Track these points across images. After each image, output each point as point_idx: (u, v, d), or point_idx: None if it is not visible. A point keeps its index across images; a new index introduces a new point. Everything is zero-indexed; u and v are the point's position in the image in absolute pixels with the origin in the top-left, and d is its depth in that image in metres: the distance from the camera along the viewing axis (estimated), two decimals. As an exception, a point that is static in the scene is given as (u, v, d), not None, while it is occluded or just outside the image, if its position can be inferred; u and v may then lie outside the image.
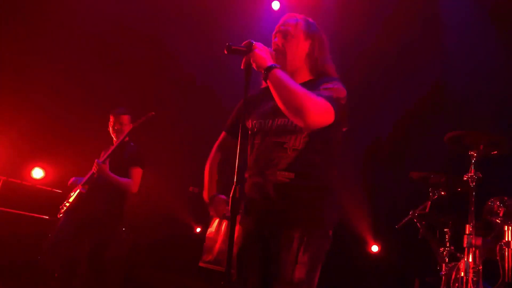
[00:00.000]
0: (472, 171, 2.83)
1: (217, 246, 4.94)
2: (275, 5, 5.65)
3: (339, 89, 1.75)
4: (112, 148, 3.60)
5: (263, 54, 1.66)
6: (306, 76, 1.89)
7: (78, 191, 3.57)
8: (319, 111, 1.62)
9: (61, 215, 3.61)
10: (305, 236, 1.66)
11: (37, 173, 5.29)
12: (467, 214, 2.79)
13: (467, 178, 2.83)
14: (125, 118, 3.72)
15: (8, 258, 4.36)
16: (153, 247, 5.67)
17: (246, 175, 1.85)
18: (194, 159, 5.95)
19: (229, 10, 5.26)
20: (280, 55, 1.82)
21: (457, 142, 2.94)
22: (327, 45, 1.93)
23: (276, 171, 1.73)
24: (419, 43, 4.69)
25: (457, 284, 2.88)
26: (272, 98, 1.76)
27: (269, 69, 1.63)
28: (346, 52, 4.77)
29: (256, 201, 1.79)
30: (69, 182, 3.77)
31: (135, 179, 3.53)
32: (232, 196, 1.44)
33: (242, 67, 1.69)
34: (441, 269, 3.23)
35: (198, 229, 6.18)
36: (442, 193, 3.35)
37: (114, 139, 3.74)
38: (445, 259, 3.23)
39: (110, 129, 3.75)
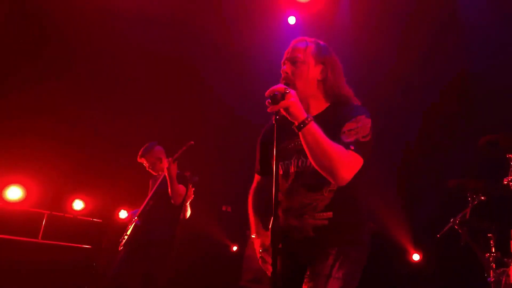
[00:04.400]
0: (512, 174, 2.79)
1: (256, 264, 4.97)
2: (291, 20, 5.76)
3: (364, 126, 1.67)
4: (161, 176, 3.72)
5: (299, 105, 1.54)
6: (322, 103, 1.82)
7: (134, 223, 3.71)
8: (349, 170, 1.59)
9: (121, 247, 3.74)
10: (341, 255, 1.68)
11: (78, 204, 5.54)
12: (510, 218, 2.74)
13: (507, 182, 2.79)
14: (157, 151, 3.83)
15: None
16: (192, 268, 5.73)
17: (280, 213, 1.79)
18: (227, 179, 6.06)
19: (246, 26, 5.37)
20: (290, 83, 1.72)
21: (493, 146, 2.90)
22: (341, 68, 1.84)
23: (314, 214, 1.73)
24: (448, 48, 4.64)
25: (507, 290, 2.81)
26: (293, 138, 1.75)
27: (304, 123, 1.53)
28: (371, 61, 4.79)
29: (295, 239, 1.77)
30: (127, 217, 3.91)
31: (181, 193, 3.65)
32: (272, 228, 1.46)
33: (268, 110, 1.54)
34: (488, 276, 3.15)
35: (235, 248, 6.23)
36: (482, 198, 3.28)
37: (157, 174, 3.84)
38: (492, 265, 3.15)
39: (150, 171, 3.86)
